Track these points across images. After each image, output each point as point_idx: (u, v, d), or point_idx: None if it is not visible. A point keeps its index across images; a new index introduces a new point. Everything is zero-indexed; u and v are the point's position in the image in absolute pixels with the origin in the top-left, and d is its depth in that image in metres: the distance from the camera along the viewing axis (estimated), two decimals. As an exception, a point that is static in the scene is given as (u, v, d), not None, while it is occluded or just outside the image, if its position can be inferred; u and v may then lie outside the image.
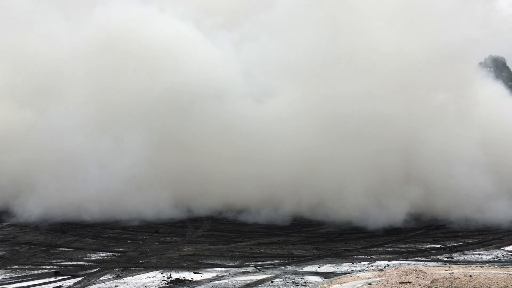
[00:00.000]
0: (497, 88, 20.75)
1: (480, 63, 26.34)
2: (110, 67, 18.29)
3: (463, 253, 12.23)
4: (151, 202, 17.02)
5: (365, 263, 11.22)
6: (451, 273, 8.66)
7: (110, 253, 12.45)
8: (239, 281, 9.70)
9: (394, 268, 9.78)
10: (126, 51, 18.32)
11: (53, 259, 11.93)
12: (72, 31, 19.90)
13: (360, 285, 8.33)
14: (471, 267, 9.62)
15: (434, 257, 11.82)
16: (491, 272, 8.77)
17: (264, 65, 19.34)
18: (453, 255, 12.06)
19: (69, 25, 20.33)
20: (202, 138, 17.98)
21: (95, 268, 10.89)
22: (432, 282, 8.03)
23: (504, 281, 7.96)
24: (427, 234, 14.66)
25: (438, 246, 13.13)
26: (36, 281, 10.00)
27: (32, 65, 20.01)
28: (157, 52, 18.44)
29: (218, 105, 18.25)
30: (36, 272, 10.69)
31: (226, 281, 9.78)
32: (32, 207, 16.76)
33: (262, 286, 9.37)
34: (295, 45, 18.49)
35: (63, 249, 13.04)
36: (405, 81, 17.18)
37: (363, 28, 17.42)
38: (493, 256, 11.95)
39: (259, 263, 11.25)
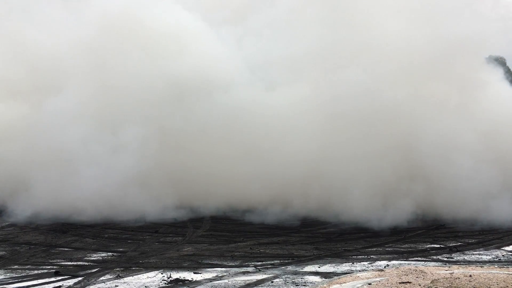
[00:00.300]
0: (502, 83, 20.49)
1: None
2: (111, 60, 17.98)
3: (463, 253, 12.23)
4: (153, 202, 16.82)
5: (365, 263, 11.21)
6: (451, 273, 8.66)
7: (110, 253, 12.45)
8: (239, 281, 9.70)
9: (394, 268, 9.78)
10: (127, 41, 18.02)
11: (53, 259, 11.93)
12: (72, 20, 19.54)
13: (360, 285, 8.33)
14: (471, 267, 9.61)
15: (434, 257, 11.81)
16: (491, 272, 8.77)
17: (268, 62, 19.14)
18: (453, 255, 12.05)
19: (68, 15, 19.98)
20: (206, 136, 17.76)
21: (95, 268, 10.89)
22: (432, 282, 8.03)
23: (504, 281, 7.96)
24: (427, 234, 14.64)
25: (438, 246, 13.12)
26: (36, 281, 10.01)
27: (29, 56, 19.66)
28: (159, 42, 18.12)
29: (223, 102, 18.00)
30: (36, 272, 10.69)
31: (226, 281, 9.78)
32: (29, 206, 16.53)
33: (262, 286, 9.38)
34: (298, 41, 18.36)
35: (63, 249, 13.04)
36: (409, 77, 17.07)
37: (367, 23, 17.33)
38: (493, 256, 11.94)
39: (259, 263, 11.25)
